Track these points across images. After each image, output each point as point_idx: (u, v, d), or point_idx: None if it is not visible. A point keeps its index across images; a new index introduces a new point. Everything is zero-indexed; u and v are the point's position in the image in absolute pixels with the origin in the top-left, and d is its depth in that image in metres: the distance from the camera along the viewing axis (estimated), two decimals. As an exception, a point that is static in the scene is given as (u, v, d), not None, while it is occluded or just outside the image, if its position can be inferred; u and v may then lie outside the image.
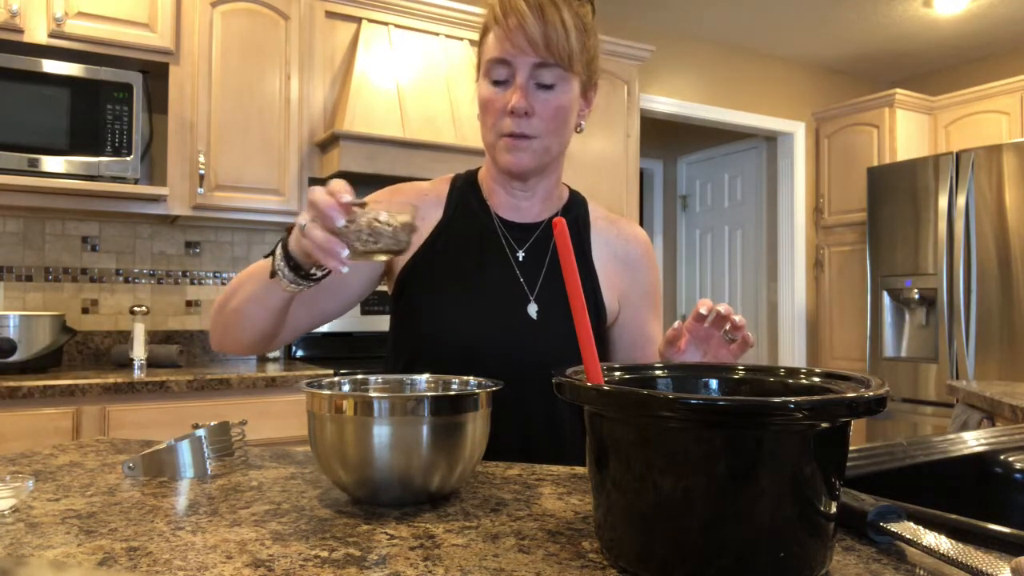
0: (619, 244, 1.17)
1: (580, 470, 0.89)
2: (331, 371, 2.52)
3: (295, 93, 2.75)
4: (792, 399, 0.48)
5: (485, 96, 1.02)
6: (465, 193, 1.13)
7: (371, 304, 3.13)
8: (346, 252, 0.75)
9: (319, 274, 0.86)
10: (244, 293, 0.96)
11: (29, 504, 0.71)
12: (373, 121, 2.72)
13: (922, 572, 0.55)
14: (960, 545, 0.54)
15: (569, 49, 0.97)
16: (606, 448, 0.55)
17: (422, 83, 2.89)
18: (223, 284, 2.98)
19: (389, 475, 0.70)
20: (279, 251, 0.85)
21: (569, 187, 1.20)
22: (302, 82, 2.77)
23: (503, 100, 1.00)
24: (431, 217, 1.11)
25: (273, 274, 0.86)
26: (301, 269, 0.84)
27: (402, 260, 1.09)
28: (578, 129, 1.08)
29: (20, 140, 2.28)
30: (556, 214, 1.13)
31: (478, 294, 1.07)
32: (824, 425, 0.51)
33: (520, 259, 1.09)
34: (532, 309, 1.07)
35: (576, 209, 1.16)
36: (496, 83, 1.01)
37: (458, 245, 1.09)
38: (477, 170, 1.17)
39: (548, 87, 0.99)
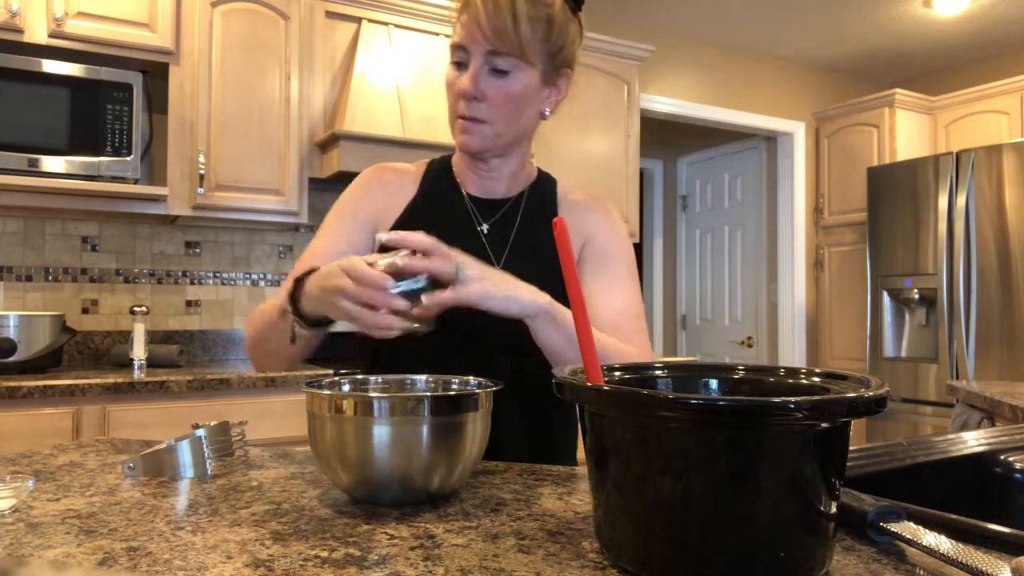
0: (580, 214, 1.18)
1: (580, 470, 0.89)
2: (331, 371, 2.51)
3: (295, 93, 2.75)
4: (792, 399, 0.48)
5: (447, 78, 1.08)
6: (439, 174, 1.19)
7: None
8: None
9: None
10: (271, 346, 1.05)
11: (29, 504, 0.71)
12: (373, 121, 2.72)
13: (922, 572, 0.55)
14: (960, 545, 0.53)
15: (519, 39, 1.00)
16: (606, 448, 0.55)
17: (422, 83, 2.89)
18: (223, 284, 2.98)
19: (389, 475, 0.70)
20: (291, 312, 0.93)
21: (539, 168, 1.23)
22: (302, 82, 2.77)
23: (460, 83, 1.04)
24: (407, 194, 1.17)
25: (293, 339, 0.95)
26: (319, 323, 0.93)
27: (380, 235, 1.12)
28: (543, 116, 1.11)
29: (20, 140, 2.28)
30: (523, 191, 1.17)
31: None
32: (824, 425, 0.51)
33: (485, 232, 1.13)
34: None
35: (543, 186, 1.20)
36: (457, 66, 1.06)
37: (428, 220, 1.13)
38: (452, 154, 1.22)
39: (503, 73, 1.03)
